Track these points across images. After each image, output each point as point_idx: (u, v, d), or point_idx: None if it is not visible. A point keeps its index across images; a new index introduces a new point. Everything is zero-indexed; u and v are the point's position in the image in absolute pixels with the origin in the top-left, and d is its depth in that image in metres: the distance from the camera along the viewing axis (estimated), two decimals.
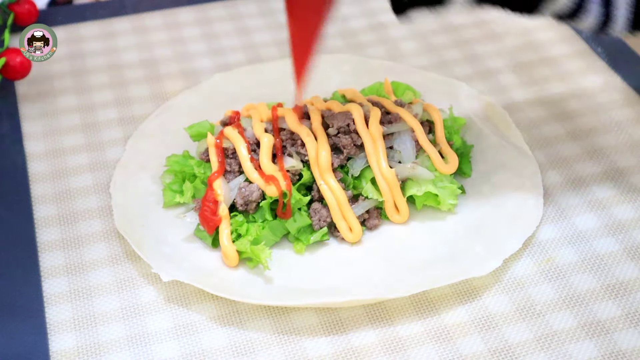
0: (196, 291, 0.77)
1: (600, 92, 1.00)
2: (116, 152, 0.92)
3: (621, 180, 0.88)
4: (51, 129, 0.97)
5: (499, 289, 0.77)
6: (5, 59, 0.96)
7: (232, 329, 0.74)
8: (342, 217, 0.80)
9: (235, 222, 0.79)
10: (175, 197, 0.83)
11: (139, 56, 1.08)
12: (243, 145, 0.82)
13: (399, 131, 0.84)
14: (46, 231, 0.84)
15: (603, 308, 0.75)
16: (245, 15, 1.16)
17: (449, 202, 0.82)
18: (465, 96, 0.97)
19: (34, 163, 0.92)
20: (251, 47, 1.10)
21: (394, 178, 0.81)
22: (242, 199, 0.79)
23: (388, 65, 1.02)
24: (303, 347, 0.73)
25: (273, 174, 0.80)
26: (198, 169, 0.83)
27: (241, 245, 0.77)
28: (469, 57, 1.07)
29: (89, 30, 1.13)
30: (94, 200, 0.87)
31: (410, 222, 0.83)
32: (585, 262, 0.79)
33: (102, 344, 0.73)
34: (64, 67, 1.06)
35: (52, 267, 0.80)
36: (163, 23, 1.15)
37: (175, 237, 0.81)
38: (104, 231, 0.84)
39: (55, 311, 0.76)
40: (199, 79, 1.03)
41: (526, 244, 0.80)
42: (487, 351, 0.72)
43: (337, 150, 0.82)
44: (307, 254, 0.80)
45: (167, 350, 0.73)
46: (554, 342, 0.72)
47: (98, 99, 1.01)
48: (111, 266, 0.80)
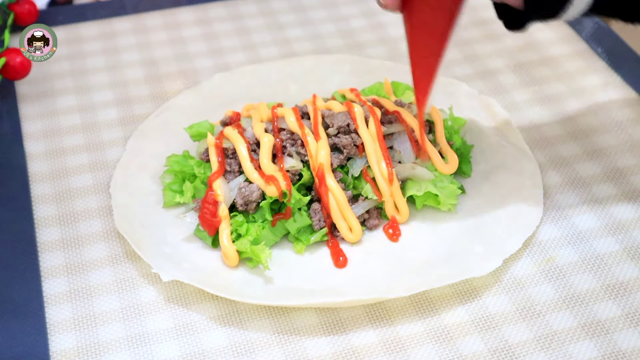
0: (196, 291, 0.77)
1: (600, 92, 1.00)
2: (116, 152, 0.92)
3: (621, 180, 0.88)
4: (51, 129, 0.97)
5: (499, 289, 0.77)
6: (5, 59, 0.96)
7: (232, 329, 0.74)
8: (342, 217, 0.80)
9: (235, 222, 0.79)
10: (175, 197, 0.83)
11: (139, 56, 1.08)
12: (243, 145, 0.82)
13: (398, 131, 0.84)
14: (46, 231, 0.84)
15: (603, 308, 0.75)
16: (245, 15, 1.16)
17: (449, 202, 0.82)
18: (465, 96, 0.97)
19: (34, 163, 0.92)
20: (251, 47, 1.10)
21: (393, 178, 0.81)
22: (242, 199, 0.79)
23: (388, 65, 1.02)
24: (303, 347, 0.73)
25: (273, 174, 0.80)
26: (198, 169, 0.83)
27: (241, 245, 0.77)
28: (469, 57, 1.07)
29: (89, 30, 1.13)
30: (94, 200, 0.87)
31: (410, 222, 0.83)
32: (585, 262, 0.79)
33: (102, 344, 0.73)
34: (64, 67, 1.06)
35: (52, 267, 0.80)
36: (163, 23, 1.15)
37: (175, 237, 0.81)
38: (104, 231, 0.84)
39: (55, 311, 0.76)
40: (199, 79, 1.03)
41: (526, 244, 0.80)
42: (487, 351, 0.72)
43: (337, 150, 0.82)
44: (307, 254, 0.80)
45: (167, 350, 0.73)
46: (554, 342, 0.72)
47: (98, 99, 1.01)
48: (111, 266, 0.80)
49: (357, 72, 1.01)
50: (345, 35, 1.12)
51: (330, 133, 0.83)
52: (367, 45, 1.10)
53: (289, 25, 1.14)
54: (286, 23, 1.15)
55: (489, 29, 1.13)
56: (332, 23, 1.15)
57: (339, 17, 1.16)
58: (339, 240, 0.81)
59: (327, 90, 0.96)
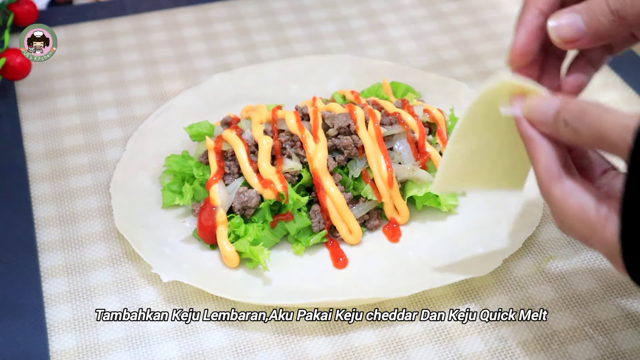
0: (196, 291, 0.77)
1: (600, 92, 1.00)
2: (116, 152, 0.92)
3: None
4: (51, 129, 0.97)
5: (499, 289, 0.77)
6: (5, 59, 0.96)
7: (232, 329, 0.74)
8: (341, 219, 0.80)
9: (232, 224, 0.79)
10: (174, 198, 0.83)
11: (139, 56, 1.08)
12: (242, 148, 0.81)
13: (399, 133, 0.84)
14: (46, 231, 0.84)
15: (603, 308, 0.75)
16: (245, 15, 1.16)
17: (449, 202, 0.82)
18: (465, 96, 0.96)
19: (34, 163, 0.92)
20: (251, 47, 1.10)
21: (393, 180, 0.81)
22: (240, 204, 0.79)
23: (388, 66, 1.02)
24: (303, 347, 0.73)
25: (270, 177, 0.79)
26: (197, 171, 0.83)
27: (240, 245, 0.77)
28: (469, 57, 1.07)
29: (89, 31, 1.13)
30: (94, 200, 0.87)
31: (410, 223, 0.83)
32: (585, 262, 0.79)
33: (102, 344, 0.73)
34: (64, 68, 1.06)
35: (52, 267, 0.80)
36: (163, 23, 1.15)
37: (175, 237, 0.81)
38: (104, 231, 0.84)
39: (55, 311, 0.76)
40: (199, 79, 1.03)
41: (526, 244, 0.80)
42: (487, 351, 0.72)
43: (337, 151, 0.82)
44: (306, 255, 0.80)
45: (167, 350, 0.73)
46: (554, 342, 0.72)
47: (98, 99, 1.01)
48: (111, 266, 0.80)
49: (357, 72, 1.01)
50: (345, 36, 1.12)
51: (331, 134, 0.83)
52: (367, 45, 1.10)
53: (289, 25, 1.14)
54: (286, 23, 1.15)
55: (489, 29, 1.13)
56: (332, 23, 1.15)
57: (339, 17, 1.16)
58: (338, 240, 0.81)
59: (327, 91, 0.96)
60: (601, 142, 0.54)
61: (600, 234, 0.56)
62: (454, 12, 1.17)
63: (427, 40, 1.11)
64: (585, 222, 0.57)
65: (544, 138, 0.59)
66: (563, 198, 0.58)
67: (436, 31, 1.12)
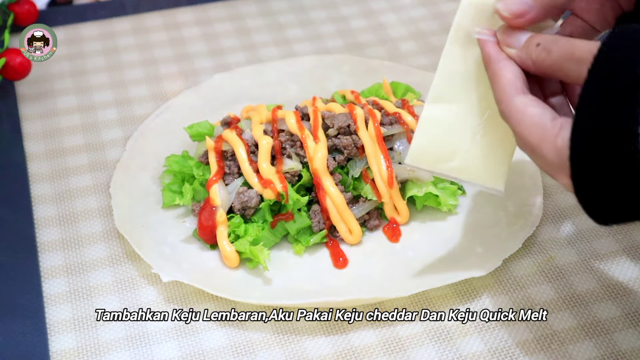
0: (196, 291, 0.77)
1: None
2: (116, 152, 0.93)
3: None
4: (51, 129, 0.97)
5: (499, 289, 0.77)
6: (5, 59, 0.96)
7: (232, 329, 0.74)
8: (341, 220, 0.80)
9: (232, 224, 0.79)
10: (174, 198, 0.83)
11: (139, 56, 1.08)
12: (242, 148, 0.82)
13: (399, 132, 0.84)
14: (46, 231, 0.84)
15: (603, 308, 0.75)
16: (245, 15, 1.16)
17: (449, 202, 0.82)
18: None
19: (34, 163, 0.92)
20: (251, 47, 1.10)
21: (393, 180, 0.81)
22: (240, 204, 0.79)
23: (388, 66, 1.02)
24: (303, 347, 0.73)
25: (270, 177, 0.79)
26: (197, 171, 0.83)
27: (240, 245, 0.77)
28: None
29: (89, 31, 1.13)
30: (94, 200, 0.87)
31: (410, 223, 0.83)
32: (585, 262, 0.79)
33: (102, 344, 0.73)
34: (64, 68, 1.06)
35: (52, 267, 0.80)
36: (163, 23, 1.15)
37: (175, 237, 0.81)
38: (104, 231, 0.84)
39: (55, 311, 0.76)
40: (199, 79, 1.03)
41: (526, 244, 0.80)
42: (487, 351, 0.72)
43: (337, 151, 0.82)
44: (306, 255, 0.80)
45: (167, 350, 0.73)
46: (554, 342, 0.72)
47: (98, 99, 1.01)
48: (111, 266, 0.80)
49: (357, 72, 1.01)
50: (345, 36, 1.12)
51: (331, 134, 0.83)
52: (367, 45, 1.10)
53: (289, 25, 1.14)
54: (286, 23, 1.15)
55: None
56: (332, 23, 1.15)
57: (339, 18, 1.16)
58: (338, 240, 0.81)
59: (327, 91, 0.96)
60: (569, 59, 0.57)
61: (552, 140, 0.57)
62: (454, 12, 1.16)
63: (427, 40, 1.11)
64: (541, 129, 0.58)
65: (510, 59, 0.62)
66: (524, 106, 0.60)
67: (436, 31, 1.12)
